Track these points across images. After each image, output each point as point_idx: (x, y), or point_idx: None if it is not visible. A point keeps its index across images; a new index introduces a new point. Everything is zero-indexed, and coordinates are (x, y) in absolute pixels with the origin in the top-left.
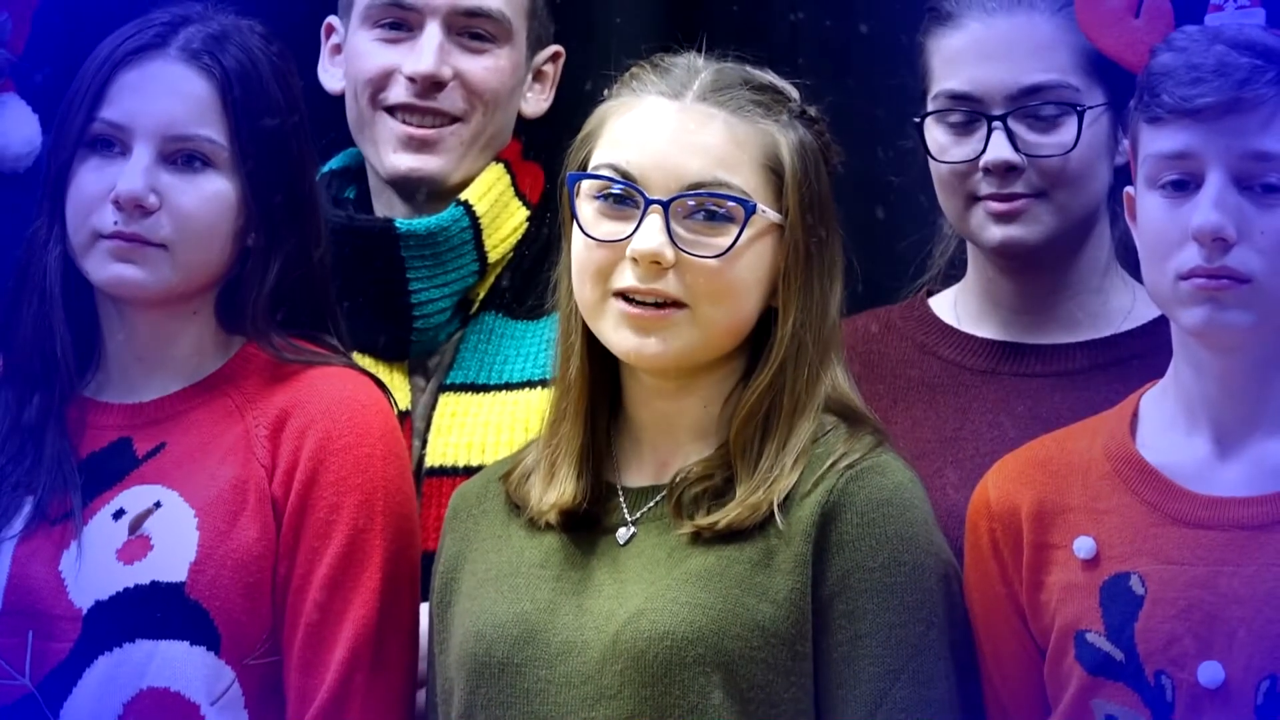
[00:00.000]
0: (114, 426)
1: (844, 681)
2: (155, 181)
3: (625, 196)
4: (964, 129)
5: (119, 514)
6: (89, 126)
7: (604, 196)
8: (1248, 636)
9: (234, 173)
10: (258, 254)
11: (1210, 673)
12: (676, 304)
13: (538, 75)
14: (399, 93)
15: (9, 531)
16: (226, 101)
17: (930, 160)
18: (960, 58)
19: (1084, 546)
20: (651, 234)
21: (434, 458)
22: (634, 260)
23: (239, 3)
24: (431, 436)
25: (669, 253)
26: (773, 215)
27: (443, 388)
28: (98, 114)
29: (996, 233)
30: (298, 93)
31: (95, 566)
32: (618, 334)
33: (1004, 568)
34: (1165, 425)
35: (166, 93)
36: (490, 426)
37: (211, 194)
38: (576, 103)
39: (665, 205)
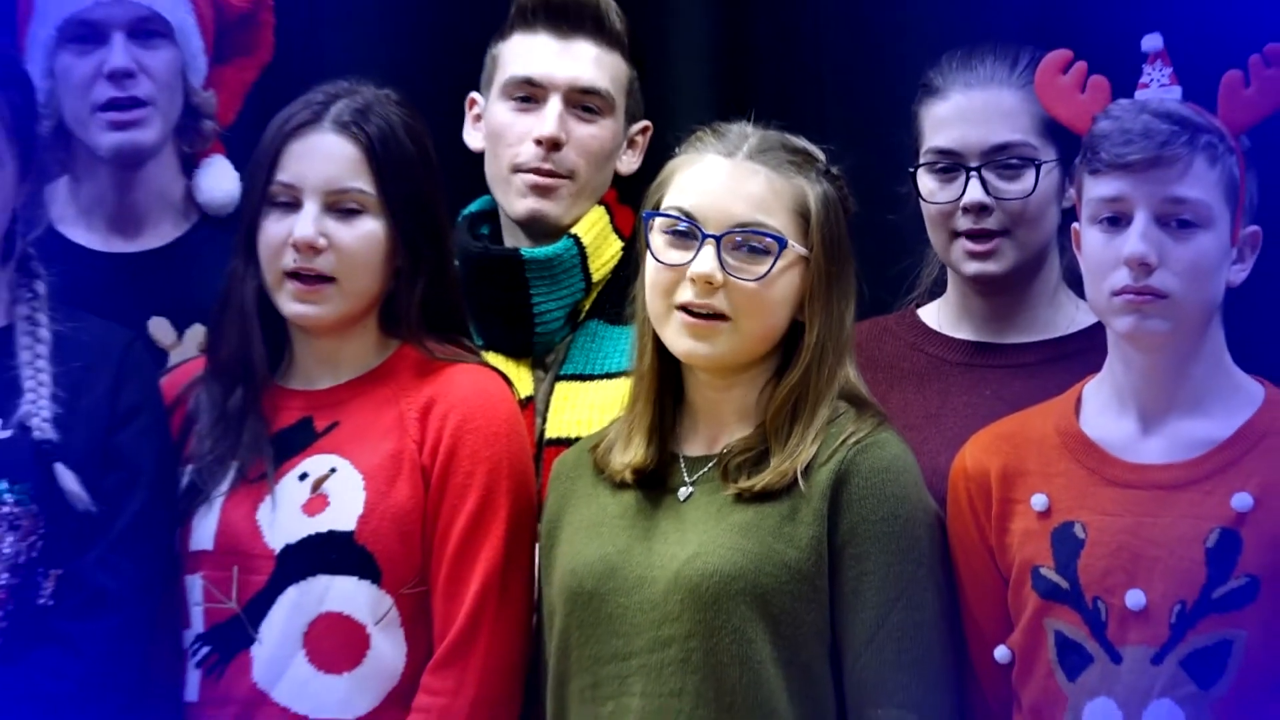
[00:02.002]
0: (298, 408)
1: (853, 608)
2: (323, 227)
3: (687, 231)
4: (948, 177)
5: (303, 476)
6: (268, 188)
7: (671, 231)
8: (1164, 571)
9: (382, 215)
10: (406, 277)
11: (1135, 598)
12: (723, 317)
13: (631, 142)
14: (527, 152)
15: (218, 490)
16: (371, 160)
17: (921, 201)
18: (946, 121)
19: (1039, 502)
20: (706, 260)
21: (552, 431)
22: (692, 280)
23: (380, 76)
24: (550, 415)
25: (719, 275)
26: (800, 249)
27: (558, 378)
28: (274, 177)
29: (972, 266)
30: (428, 146)
31: (285, 517)
32: (678, 339)
33: (977, 518)
34: (1102, 408)
35: (324, 157)
36: (594, 407)
37: (366, 233)
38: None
39: (718, 239)
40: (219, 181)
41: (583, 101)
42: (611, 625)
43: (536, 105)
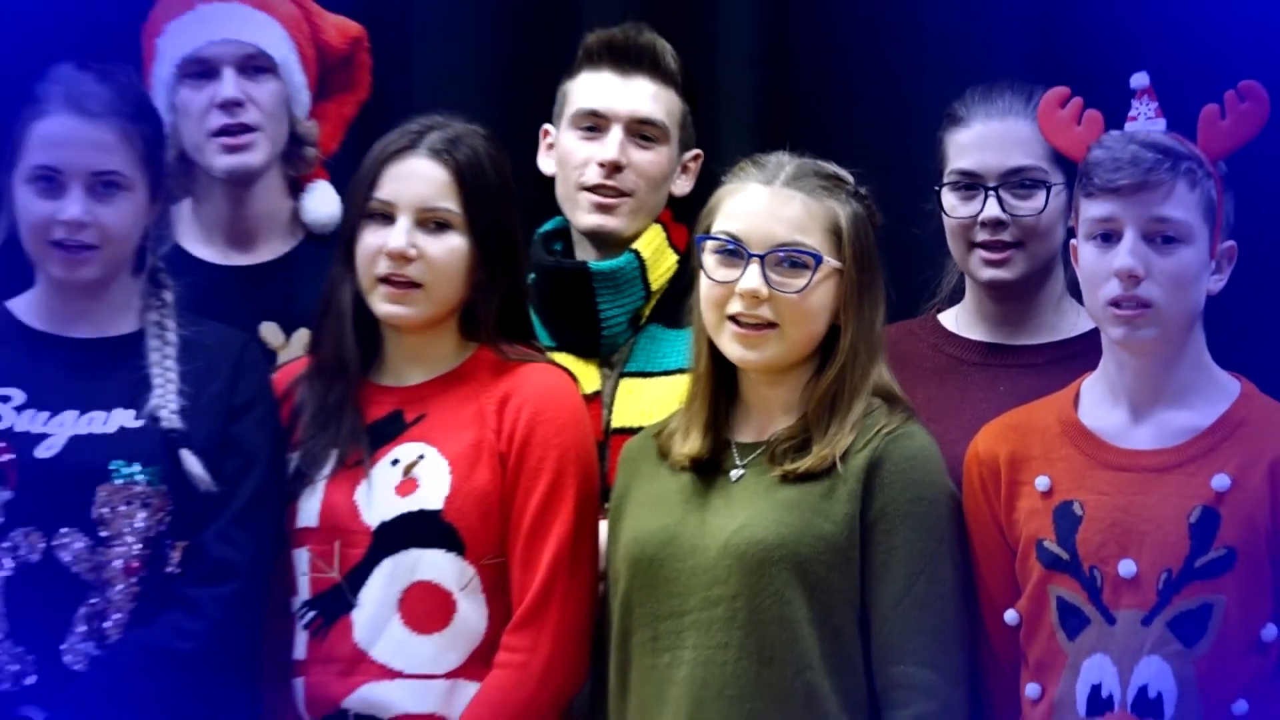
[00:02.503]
0: (389, 402)
1: (881, 577)
2: (413, 239)
3: (735, 251)
4: (969, 195)
5: (394, 462)
6: (368, 204)
7: (721, 251)
8: (1152, 543)
9: (466, 232)
10: (484, 287)
11: (1127, 567)
12: (770, 325)
13: (684, 168)
14: (592, 174)
15: (321, 474)
16: (459, 183)
17: (944, 216)
18: (968, 147)
19: (1042, 483)
20: (752, 277)
21: (618, 421)
22: (741, 295)
23: (469, 113)
24: (616, 408)
25: (764, 290)
26: (834, 263)
27: (622, 375)
28: (373, 194)
29: (988, 274)
30: (508, 173)
31: (379, 498)
32: (731, 346)
33: (989, 498)
34: (1097, 401)
35: (419, 179)
36: (654, 400)
37: (451, 248)
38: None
39: (761, 258)
40: (322, 203)
41: (641, 131)
42: (668, 586)
43: (601, 134)
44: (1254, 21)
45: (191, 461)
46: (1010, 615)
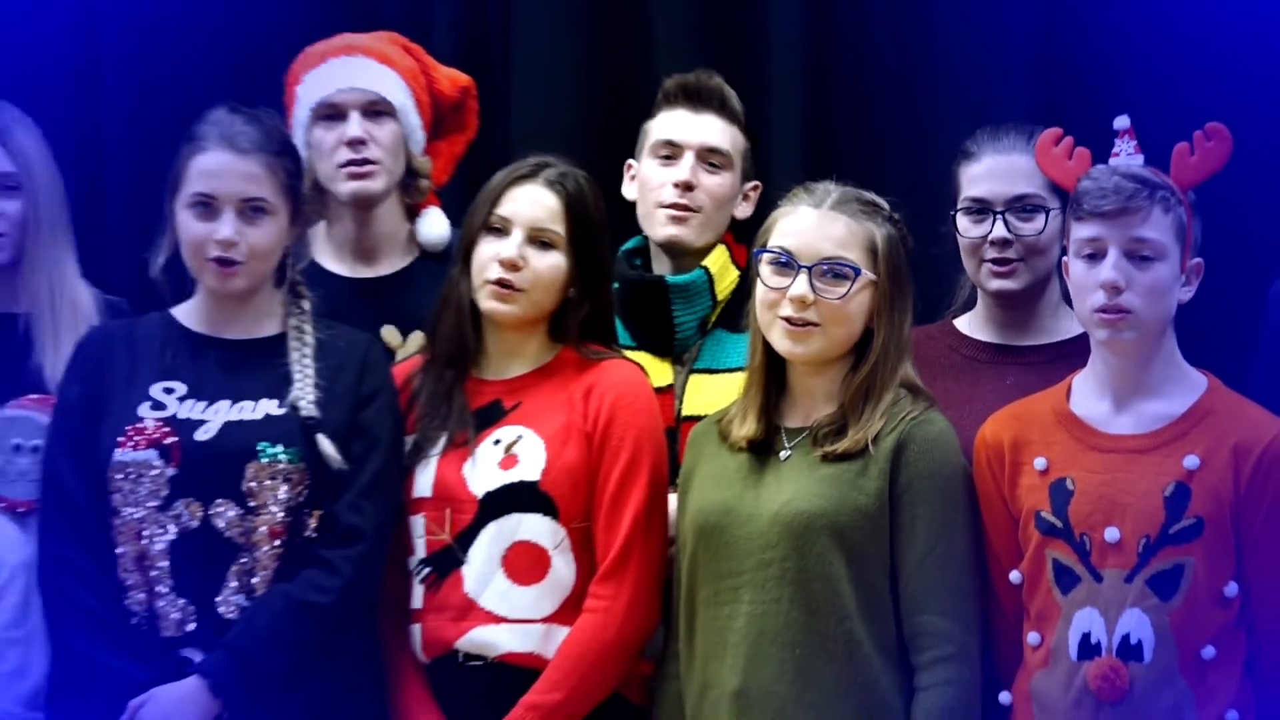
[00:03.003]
0: (490, 392)
1: (907, 541)
2: (523, 253)
3: (787, 263)
4: (979, 219)
5: (496, 441)
6: (488, 219)
7: (775, 263)
8: (1133, 513)
9: (567, 252)
10: (574, 300)
11: (1112, 534)
12: (814, 325)
13: (744, 196)
14: (668, 193)
15: (433, 452)
16: (567, 211)
17: (959, 236)
18: (979, 178)
19: (1040, 463)
20: (800, 285)
21: (687, 410)
22: (791, 300)
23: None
24: (686, 398)
25: (810, 296)
26: (870, 276)
27: (691, 371)
28: (494, 212)
29: (995, 284)
30: (602, 207)
31: (485, 471)
32: (780, 341)
33: (995, 476)
34: (1086, 393)
35: (534, 203)
36: (718, 392)
37: (554, 263)
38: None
39: (809, 269)
40: (434, 226)
41: (709, 159)
42: (728, 550)
43: (675, 160)
44: (1220, 71)
45: (325, 444)
46: (1014, 575)
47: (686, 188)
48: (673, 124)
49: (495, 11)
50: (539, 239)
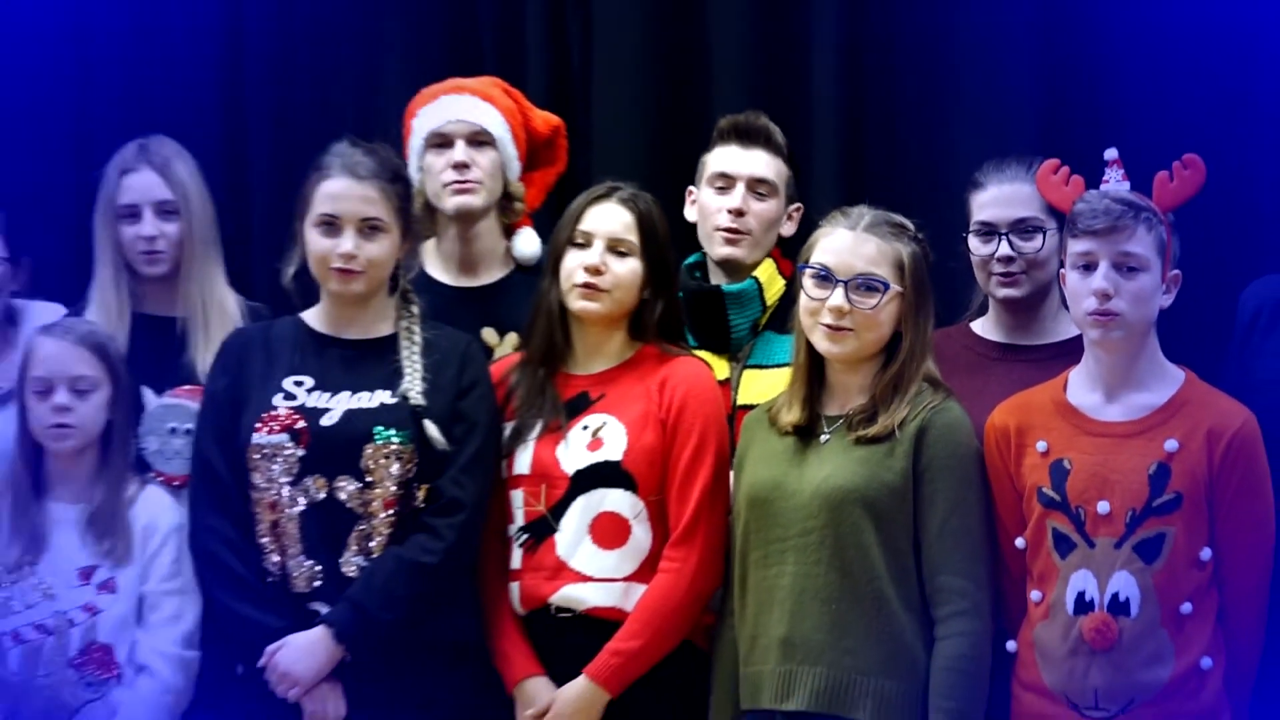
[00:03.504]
0: (579, 385)
1: (928, 512)
2: (604, 260)
3: (826, 277)
4: (987, 239)
5: (585, 427)
6: (573, 234)
7: (815, 276)
8: (1121, 489)
9: (640, 259)
10: (649, 302)
11: (1103, 506)
12: (849, 330)
13: (789, 217)
14: (724, 218)
15: (530, 436)
16: (640, 225)
17: (971, 255)
18: (986, 204)
19: (1041, 446)
20: (838, 297)
21: (742, 400)
22: (829, 309)
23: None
24: (740, 390)
25: (846, 306)
26: (897, 288)
27: (745, 366)
28: (578, 227)
29: (1003, 293)
30: (666, 223)
31: (575, 452)
32: (820, 342)
33: (1003, 457)
34: (1081, 386)
35: (612, 218)
36: (768, 385)
37: (630, 269)
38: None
39: (845, 283)
40: (527, 244)
41: (758, 188)
42: (775, 519)
43: (729, 190)
44: (1197, 108)
45: (431, 428)
46: (1019, 541)
47: (739, 214)
48: (727, 158)
49: (579, 60)
50: (616, 248)
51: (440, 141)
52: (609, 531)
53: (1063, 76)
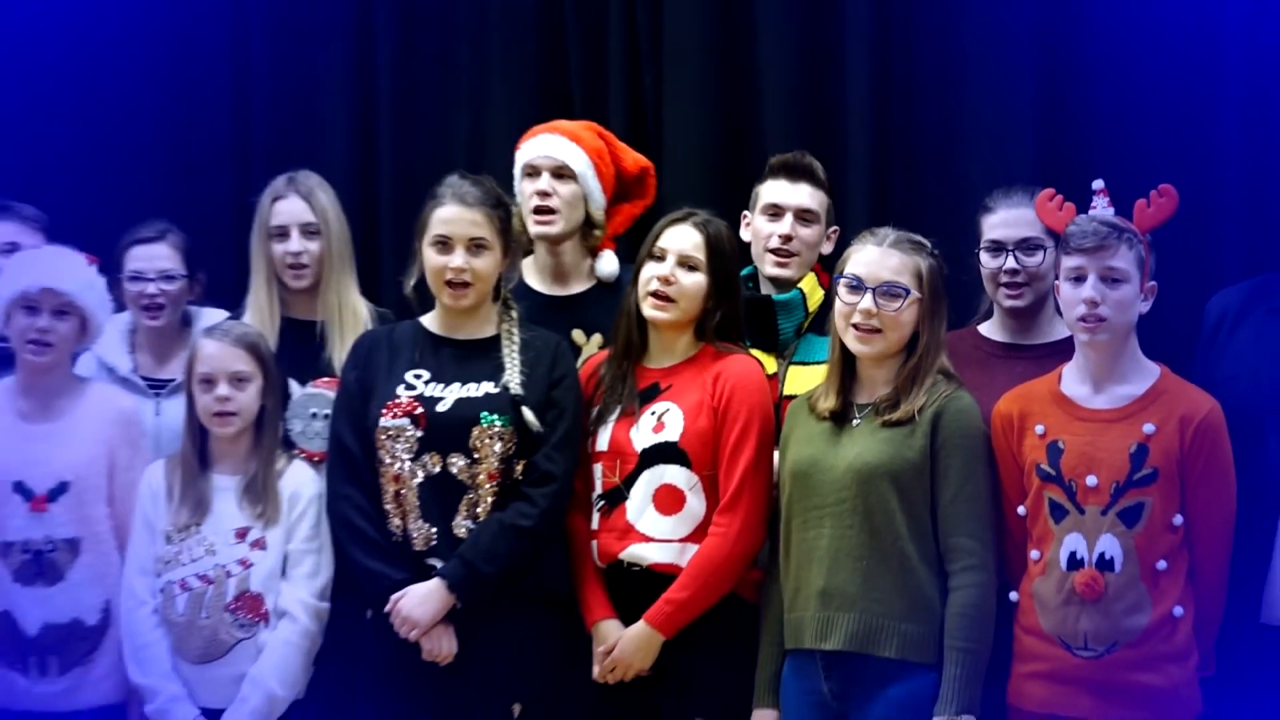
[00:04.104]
0: (652, 377)
1: (943, 485)
2: (675, 273)
3: (857, 286)
4: (996, 255)
5: (653, 413)
6: (652, 250)
7: (849, 285)
8: (1107, 465)
9: (707, 273)
10: (710, 309)
11: (1091, 480)
12: (876, 330)
13: (828, 238)
14: (774, 242)
15: (611, 419)
16: (708, 244)
17: (981, 269)
18: (995, 225)
19: (1039, 429)
20: (867, 302)
21: (787, 391)
22: (860, 312)
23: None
24: (786, 383)
25: (874, 310)
26: (917, 295)
27: (790, 363)
28: (656, 244)
29: (1008, 302)
30: (733, 243)
31: (643, 433)
32: (852, 342)
33: (1008, 439)
34: (1073, 379)
35: (684, 238)
36: (809, 378)
37: (697, 281)
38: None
39: (873, 290)
40: (607, 264)
41: (803, 216)
42: (814, 490)
43: (779, 219)
44: (1173, 142)
45: (528, 413)
46: (1020, 509)
47: (788, 239)
48: (777, 191)
49: (652, 105)
50: (686, 263)
51: (531, 172)
52: (668, 500)
53: (1058, 117)
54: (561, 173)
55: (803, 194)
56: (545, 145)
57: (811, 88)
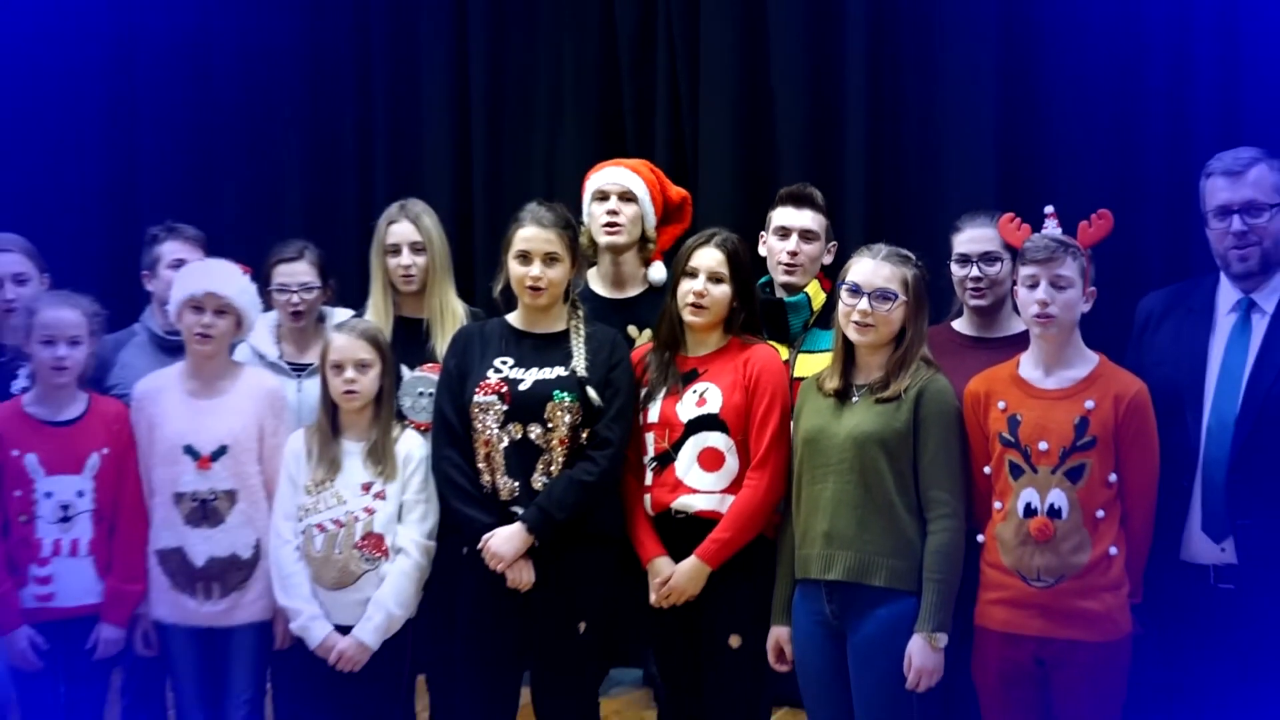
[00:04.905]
0: (691, 364)
1: (923, 448)
2: (705, 287)
3: (856, 290)
4: (964, 265)
5: (694, 391)
6: (685, 267)
7: (849, 290)
8: (1055, 434)
9: (730, 284)
10: (734, 311)
11: (1043, 445)
12: (872, 326)
13: (828, 251)
14: (785, 257)
15: (659, 397)
16: (730, 260)
17: (952, 276)
18: (963, 241)
19: (1001, 405)
20: (864, 304)
21: (797, 374)
22: (858, 312)
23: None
24: (796, 367)
25: (870, 310)
26: (904, 299)
27: (799, 351)
28: (689, 264)
29: (974, 302)
30: (749, 257)
31: (688, 408)
32: (853, 335)
33: (975, 412)
34: (1028, 364)
35: (709, 257)
36: (815, 364)
37: (724, 291)
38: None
39: (869, 294)
40: (658, 273)
41: (806, 235)
42: (820, 453)
43: (787, 238)
44: (1108, 180)
45: (591, 392)
46: (986, 469)
47: (794, 255)
48: (785, 216)
49: (690, 150)
50: (714, 277)
51: (600, 195)
52: (711, 460)
53: (1014, 157)
54: (625, 196)
55: (806, 218)
56: (613, 175)
57: (817, 135)
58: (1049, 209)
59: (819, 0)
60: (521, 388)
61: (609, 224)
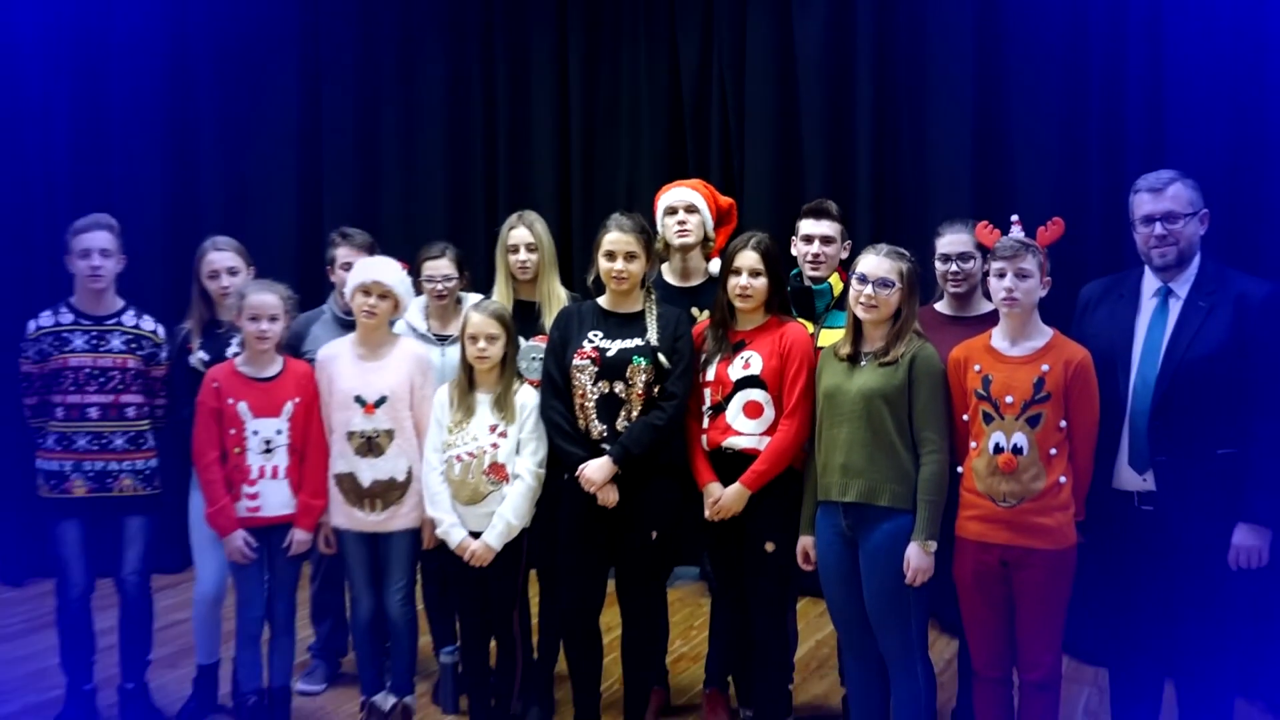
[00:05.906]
0: (739, 336)
1: (915, 400)
2: (749, 281)
3: (863, 280)
4: (944, 262)
5: (741, 358)
6: (732, 265)
7: (858, 280)
8: (1018, 390)
9: (767, 277)
10: (772, 295)
11: (1009, 399)
12: (875, 306)
13: (843, 250)
14: (808, 257)
15: (715, 361)
16: (764, 259)
17: (935, 271)
18: (944, 243)
19: (977, 368)
20: (870, 289)
21: (820, 344)
22: (865, 296)
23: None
24: (819, 339)
25: (875, 295)
26: (900, 286)
27: (821, 327)
28: (734, 263)
29: (952, 289)
30: (781, 257)
31: (736, 370)
32: (861, 314)
33: (956, 373)
34: (998, 337)
35: (749, 256)
36: (834, 337)
37: (762, 283)
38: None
39: (874, 283)
40: (715, 267)
41: (826, 240)
42: (837, 405)
43: (810, 243)
44: (1070, 194)
45: (662, 357)
46: (964, 417)
47: (816, 256)
48: (808, 226)
49: (738, 175)
50: (754, 273)
51: (670, 210)
52: (753, 410)
53: (986, 176)
54: (690, 209)
55: (824, 226)
56: (680, 194)
57: (834, 159)
58: (1015, 217)
59: (837, 61)
60: (609, 354)
61: (680, 231)
